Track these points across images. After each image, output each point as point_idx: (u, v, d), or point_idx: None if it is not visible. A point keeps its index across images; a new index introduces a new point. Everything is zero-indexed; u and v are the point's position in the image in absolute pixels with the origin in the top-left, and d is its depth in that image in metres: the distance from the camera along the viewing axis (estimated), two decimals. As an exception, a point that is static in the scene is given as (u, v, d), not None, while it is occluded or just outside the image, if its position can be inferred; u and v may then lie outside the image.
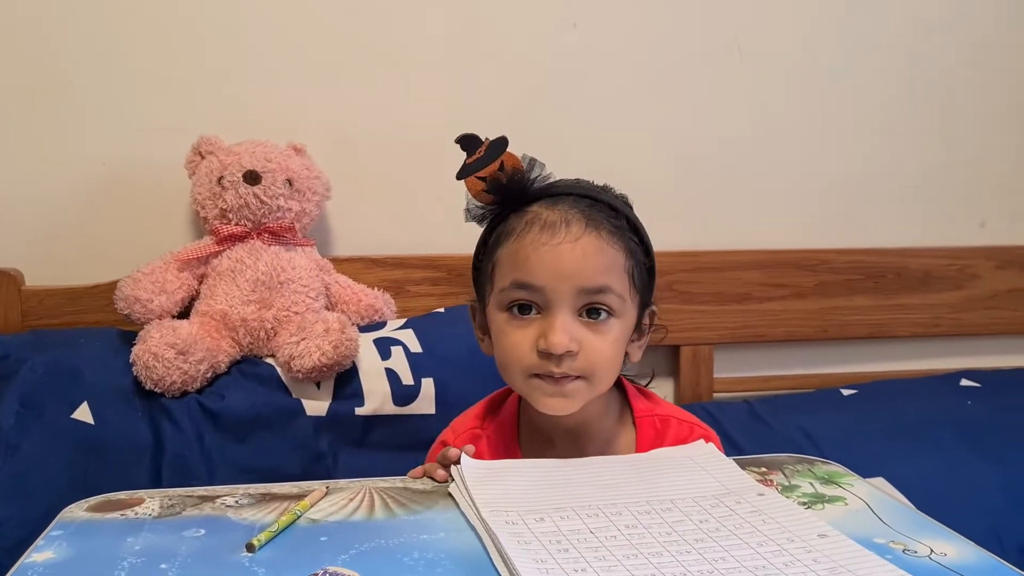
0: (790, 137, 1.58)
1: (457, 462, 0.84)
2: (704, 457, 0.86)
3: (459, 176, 0.88)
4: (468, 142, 0.87)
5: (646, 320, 0.93)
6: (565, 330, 0.83)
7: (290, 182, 1.24)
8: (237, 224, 1.23)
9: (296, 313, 1.22)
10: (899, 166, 1.62)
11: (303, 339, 1.14)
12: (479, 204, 0.89)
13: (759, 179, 1.57)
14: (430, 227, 1.41)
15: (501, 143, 0.86)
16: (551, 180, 0.89)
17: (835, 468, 0.88)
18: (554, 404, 0.86)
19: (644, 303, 0.91)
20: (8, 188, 1.35)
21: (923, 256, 1.60)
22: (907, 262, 1.59)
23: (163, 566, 0.65)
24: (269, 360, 1.21)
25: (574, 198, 0.87)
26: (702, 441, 0.90)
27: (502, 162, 0.86)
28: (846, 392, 1.47)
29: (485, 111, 1.45)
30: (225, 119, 1.35)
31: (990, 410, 1.40)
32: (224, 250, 1.23)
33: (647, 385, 1.01)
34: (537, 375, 0.86)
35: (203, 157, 1.27)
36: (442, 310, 1.34)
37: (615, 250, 0.86)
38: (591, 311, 0.86)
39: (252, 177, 1.21)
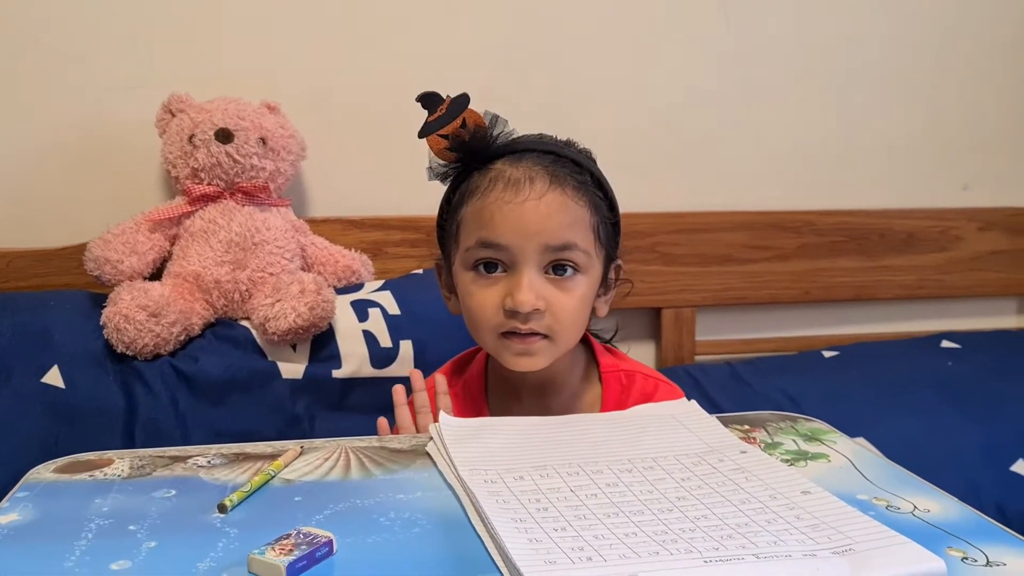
0: (775, 97, 1.56)
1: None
2: (687, 415, 0.85)
3: (421, 134, 0.87)
4: (429, 100, 0.86)
5: (612, 275, 0.93)
6: (531, 288, 0.84)
7: (264, 141, 1.21)
8: (209, 184, 1.20)
9: (271, 275, 1.19)
10: (883, 128, 1.61)
11: (278, 300, 1.12)
12: (442, 162, 0.88)
13: (743, 140, 1.56)
14: (409, 187, 1.37)
15: (462, 100, 0.86)
16: (514, 136, 0.88)
17: (818, 425, 0.88)
18: (522, 362, 0.87)
19: (610, 258, 0.91)
20: (-26, 148, 1.32)
21: (907, 218, 1.59)
22: (891, 224, 1.58)
23: (132, 527, 0.64)
24: (244, 322, 1.19)
25: (537, 154, 0.87)
26: (684, 399, 0.90)
27: (464, 119, 0.85)
28: (828, 354, 1.47)
29: (464, 68, 1.41)
30: (197, 76, 1.31)
31: (970, 371, 1.41)
32: (196, 210, 1.21)
33: (611, 340, 1.02)
34: (505, 334, 0.86)
35: (174, 115, 1.24)
36: (420, 271, 1.32)
37: (579, 206, 0.86)
38: (557, 268, 0.86)
39: (224, 135, 1.18)
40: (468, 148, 0.86)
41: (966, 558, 0.60)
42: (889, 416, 1.28)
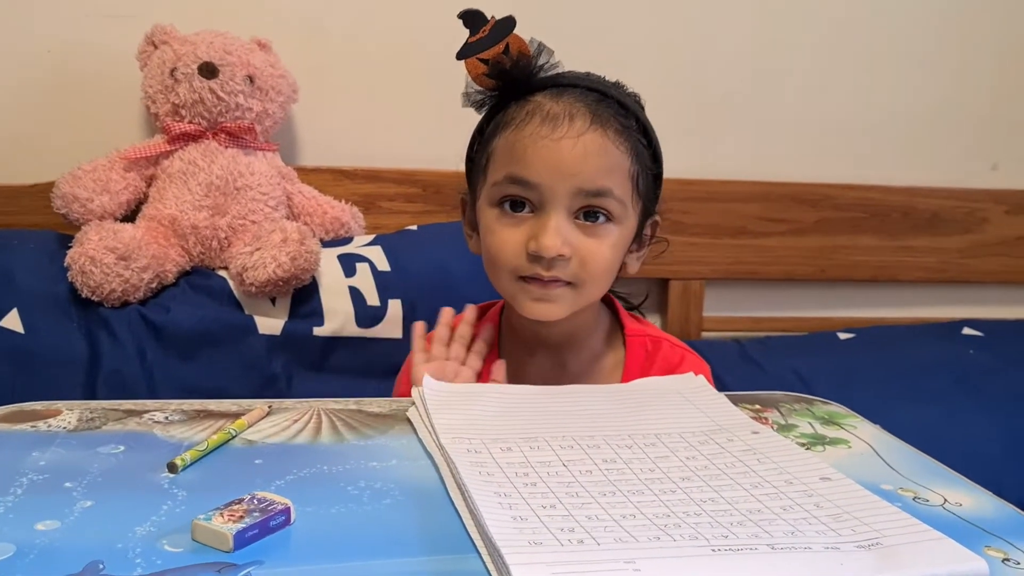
0: (798, 63, 1.49)
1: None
2: (693, 391, 0.80)
3: (459, 55, 0.81)
4: (472, 18, 0.80)
5: (647, 230, 0.88)
6: (559, 233, 0.78)
7: (251, 79, 1.14)
8: (191, 122, 1.13)
9: (253, 222, 1.13)
10: (911, 100, 1.54)
11: (258, 249, 1.05)
12: (479, 88, 0.83)
13: (763, 105, 1.49)
14: (408, 138, 1.32)
15: (508, 23, 0.80)
16: (559, 70, 0.83)
17: (836, 408, 0.82)
18: (539, 309, 0.81)
19: (647, 212, 0.86)
20: (-57, 77, 1.25)
21: (932, 197, 1.53)
22: (915, 202, 1.52)
23: (68, 484, 0.58)
24: (221, 272, 1.12)
25: (582, 91, 0.81)
26: (691, 374, 0.84)
27: (507, 44, 0.80)
28: (843, 336, 1.41)
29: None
30: (182, 7, 1.24)
31: (992, 360, 1.36)
32: (176, 150, 1.14)
33: (641, 305, 0.97)
34: (524, 278, 0.81)
35: (156, 47, 1.16)
36: (414, 227, 1.26)
37: (620, 151, 0.80)
38: (588, 214, 0.80)
39: (208, 70, 1.10)
40: (508, 76, 0.81)
41: (1007, 559, 0.54)
42: (906, 404, 1.23)
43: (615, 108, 0.81)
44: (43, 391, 0.95)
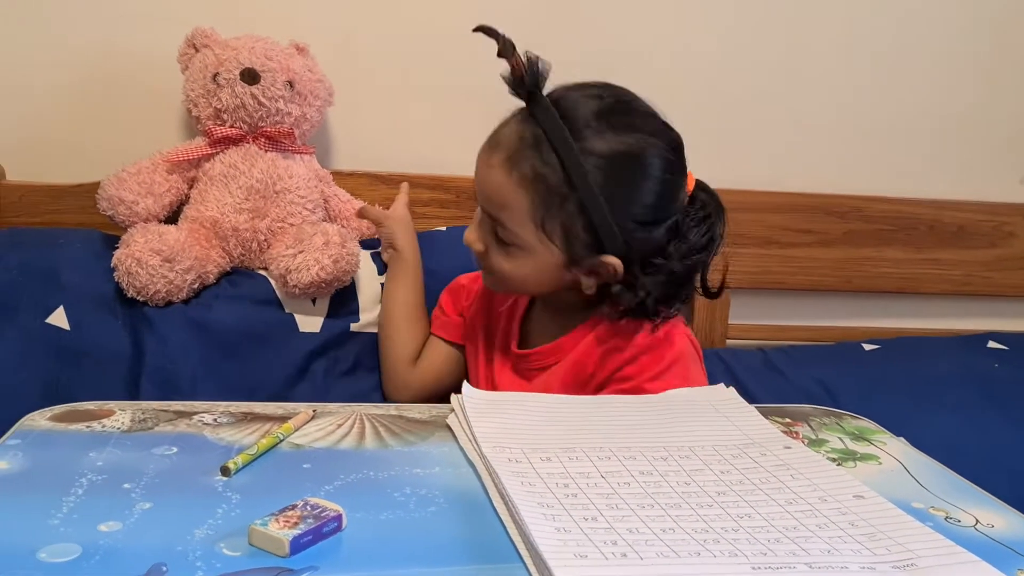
0: (825, 72, 1.47)
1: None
2: (725, 403, 0.81)
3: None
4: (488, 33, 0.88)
5: (599, 268, 0.88)
6: (478, 227, 0.90)
7: (291, 84, 1.15)
8: (232, 126, 1.14)
9: (292, 225, 1.14)
10: (940, 111, 1.52)
11: (301, 252, 1.06)
12: None
13: (790, 116, 1.47)
14: (441, 144, 1.31)
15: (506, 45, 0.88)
16: (563, 85, 0.89)
17: (865, 424, 0.83)
18: (485, 280, 0.96)
19: (588, 252, 0.87)
20: (-11, 77, 1.26)
21: (958, 210, 1.51)
22: (941, 215, 1.50)
23: (126, 485, 0.60)
24: (262, 272, 1.14)
25: (530, 121, 0.85)
26: (722, 385, 0.84)
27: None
28: (868, 347, 1.40)
29: (499, 17, 1.32)
30: (221, 11, 1.24)
31: (1017, 373, 1.34)
32: (217, 153, 1.15)
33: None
34: None
35: (197, 50, 1.17)
36: (443, 228, 1.26)
37: (518, 196, 0.85)
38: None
39: (250, 76, 1.12)
40: (516, 91, 0.87)
41: (1039, 583, 0.55)
42: (929, 415, 1.22)
43: (539, 153, 0.83)
44: (89, 387, 0.98)
